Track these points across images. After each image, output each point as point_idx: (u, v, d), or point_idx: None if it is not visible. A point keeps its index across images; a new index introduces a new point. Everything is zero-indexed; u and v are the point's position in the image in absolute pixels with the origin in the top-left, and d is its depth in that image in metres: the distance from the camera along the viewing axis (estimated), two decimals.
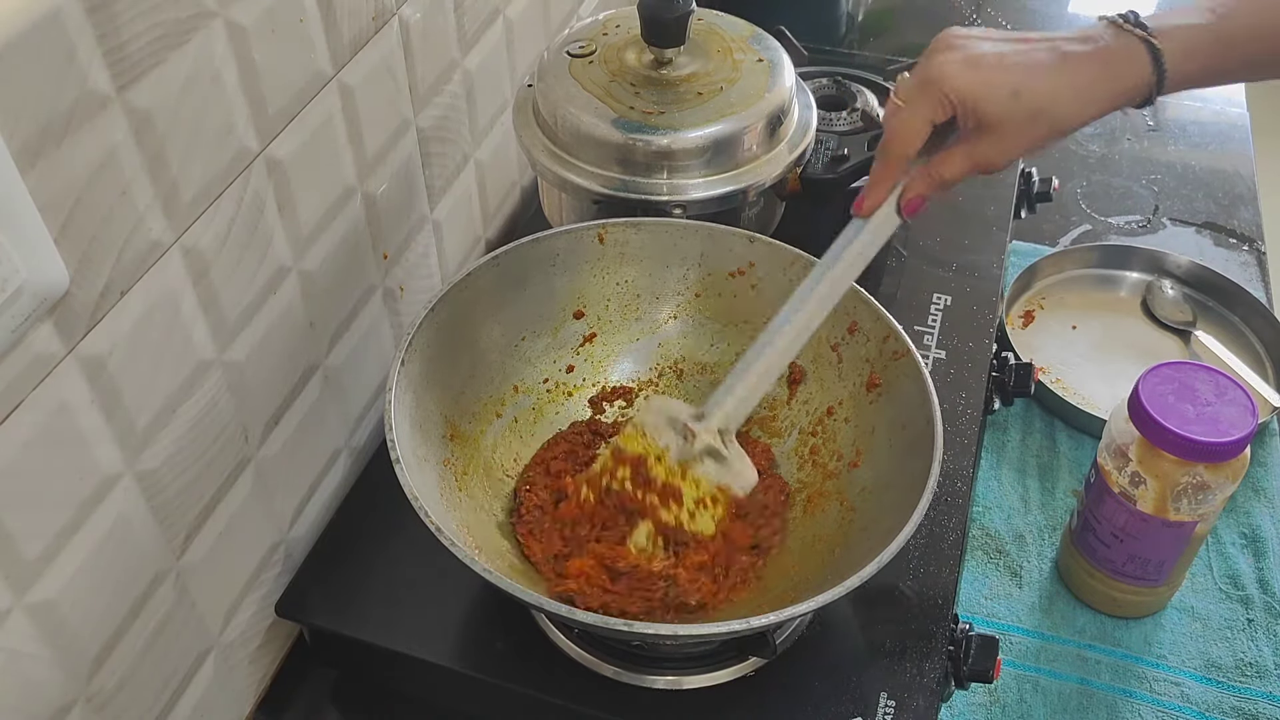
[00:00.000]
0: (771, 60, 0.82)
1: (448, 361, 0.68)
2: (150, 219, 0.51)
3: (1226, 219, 1.15)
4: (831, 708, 0.64)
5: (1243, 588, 0.81)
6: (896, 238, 0.97)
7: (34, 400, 0.46)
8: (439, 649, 0.67)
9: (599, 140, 0.77)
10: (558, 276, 0.75)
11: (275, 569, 0.70)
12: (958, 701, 0.74)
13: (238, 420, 0.62)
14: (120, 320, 0.51)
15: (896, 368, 0.68)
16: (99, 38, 0.45)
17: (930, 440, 0.61)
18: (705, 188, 0.77)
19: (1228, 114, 1.30)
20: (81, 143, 0.46)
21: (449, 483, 0.65)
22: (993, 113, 0.60)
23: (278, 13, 0.58)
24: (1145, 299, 1.03)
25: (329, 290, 0.70)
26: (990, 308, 0.91)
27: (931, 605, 0.69)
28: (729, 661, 0.65)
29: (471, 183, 0.90)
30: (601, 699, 0.64)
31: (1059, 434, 0.92)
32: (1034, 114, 0.60)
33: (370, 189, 0.73)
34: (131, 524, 0.55)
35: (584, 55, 0.81)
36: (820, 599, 0.54)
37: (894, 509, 0.60)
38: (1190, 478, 0.69)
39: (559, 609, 0.54)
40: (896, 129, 0.63)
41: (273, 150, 0.60)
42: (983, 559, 0.83)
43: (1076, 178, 1.19)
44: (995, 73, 0.60)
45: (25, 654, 0.49)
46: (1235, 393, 0.70)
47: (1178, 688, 0.75)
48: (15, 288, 0.43)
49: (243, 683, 0.70)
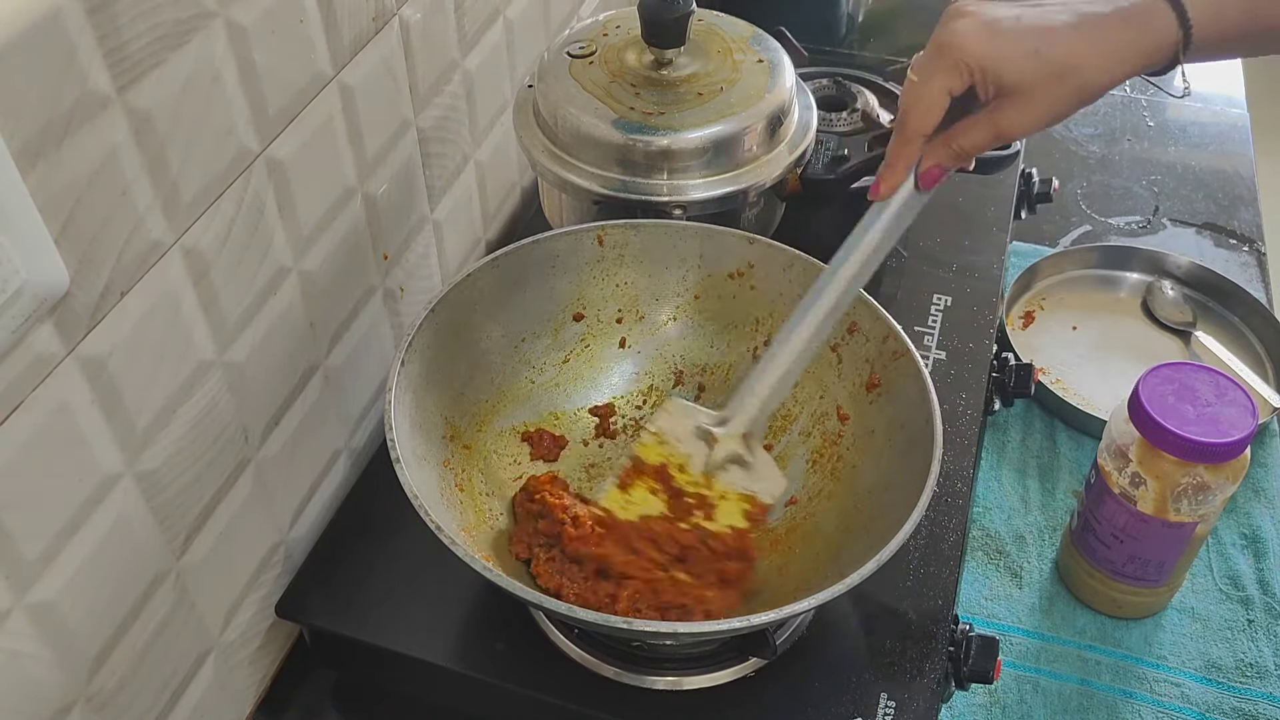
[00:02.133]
0: (771, 61, 0.82)
1: (447, 363, 0.68)
2: (150, 219, 0.51)
3: (1226, 219, 1.15)
4: (831, 708, 0.64)
5: (1243, 588, 0.81)
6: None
7: (34, 400, 0.47)
8: (439, 649, 0.67)
9: (599, 141, 0.77)
10: (557, 278, 0.75)
11: (275, 569, 0.70)
12: (958, 702, 0.74)
13: (238, 421, 0.62)
14: (120, 321, 0.51)
15: (896, 367, 0.68)
16: (99, 38, 0.46)
17: (930, 439, 0.61)
18: (705, 188, 0.77)
19: (1228, 114, 1.30)
20: (82, 143, 0.46)
21: (449, 483, 0.65)
22: (1013, 76, 0.57)
23: (278, 13, 0.58)
24: (1145, 299, 1.03)
25: (329, 291, 0.70)
26: (990, 308, 0.91)
27: (931, 605, 0.69)
28: (729, 662, 0.65)
29: (472, 183, 0.90)
30: (601, 699, 0.64)
31: (1059, 434, 0.92)
32: (1057, 74, 0.57)
33: (370, 189, 0.73)
34: (131, 524, 0.55)
35: (584, 56, 0.81)
36: (820, 597, 0.54)
37: (894, 508, 0.60)
38: (1190, 478, 0.69)
39: (560, 609, 0.54)
40: (912, 103, 0.60)
41: (273, 151, 0.60)
42: (983, 559, 0.83)
43: (1076, 178, 1.19)
44: (1013, 35, 0.57)
45: (25, 654, 0.49)
46: (1235, 393, 0.70)
47: (1178, 688, 0.75)
48: (15, 288, 0.43)
49: (243, 683, 0.70)
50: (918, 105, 0.59)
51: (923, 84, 0.59)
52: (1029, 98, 0.57)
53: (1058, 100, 0.57)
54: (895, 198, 0.62)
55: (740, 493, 0.64)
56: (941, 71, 0.58)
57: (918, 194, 0.62)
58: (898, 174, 0.61)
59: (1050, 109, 0.58)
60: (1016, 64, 0.57)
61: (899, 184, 0.62)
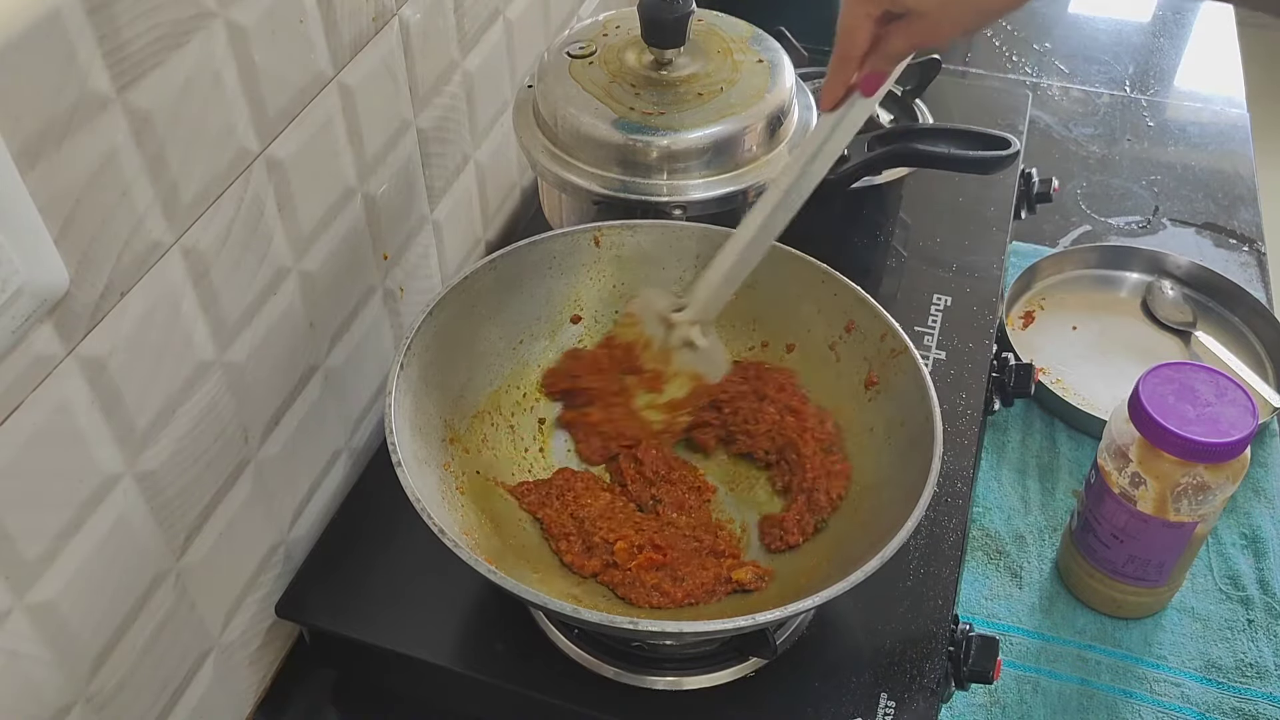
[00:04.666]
0: (771, 61, 0.82)
1: (446, 365, 0.68)
2: (150, 220, 0.51)
3: (1226, 219, 1.15)
4: (831, 708, 0.64)
5: (1243, 588, 0.81)
6: (897, 238, 0.97)
7: (34, 401, 0.47)
8: (439, 649, 0.67)
9: (599, 141, 0.77)
10: (554, 279, 0.75)
11: (275, 570, 0.70)
12: (958, 702, 0.74)
13: (238, 421, 0.62)
14: (120, 321, 0.51)
15: (895, 365, 0.68)
16: (99, 38, 0.46)
17: (930, 437, 0.61)
18: (705, 188, 0.77)
19: (1228, 114, 1.30)
20: (82, 143, 0.46)
21: (449, 484, 0.65)
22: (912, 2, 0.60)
23: (278, 13, 0.58)
24: (1145, 300, 1.03)
25: (329, 291, 0.70)
26: (990, 308, 0.91)
27: (931, 605, 0.69)
28: (729, 662, 0.65)
29: (471, 183, 0.90)
30: (601, 699, 0.64)
31: (1059, 435, 0.92)
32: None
33: (370, 189, 0.73)
34: (131, 525, 0.55)
35: (584, 56, 0.81)
36: (821, 596, 0.54)
37: (894, 506, 0.60)
38: (1190, 478, 0.69)
39: (561, 608, 0.54)
40: (841, 28, 0.64)
41: (273, 151, 0.60)
42: (983, 559, 0.83)
43: (1076, 178, 1.19)
44: None
45: (25, 654, 0.49)
46: (1235, 393, 0.70)
47: (1178, 688, 0.75)
48: (15, 288, 0.43)
49: (243, 683, 0.70)
50: (845, 31, 0.63)
51: (845, 13, 0.63)
52: (931, 19, 0.60)
53: (959, 19, 0.60)
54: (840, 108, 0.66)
55: (689, 371, 0.73)
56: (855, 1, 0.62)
57: (864, 100, 0.66)
58: (837, 89, 0.65)
59: (955, 26, 0.60)
60: None
61: (838, 97, 0.66)
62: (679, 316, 0.72)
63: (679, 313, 0.72)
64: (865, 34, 0.63)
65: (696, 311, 0.72)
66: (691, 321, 0.72)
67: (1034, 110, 1.26)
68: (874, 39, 0.63)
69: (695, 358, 0.72)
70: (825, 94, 0.66)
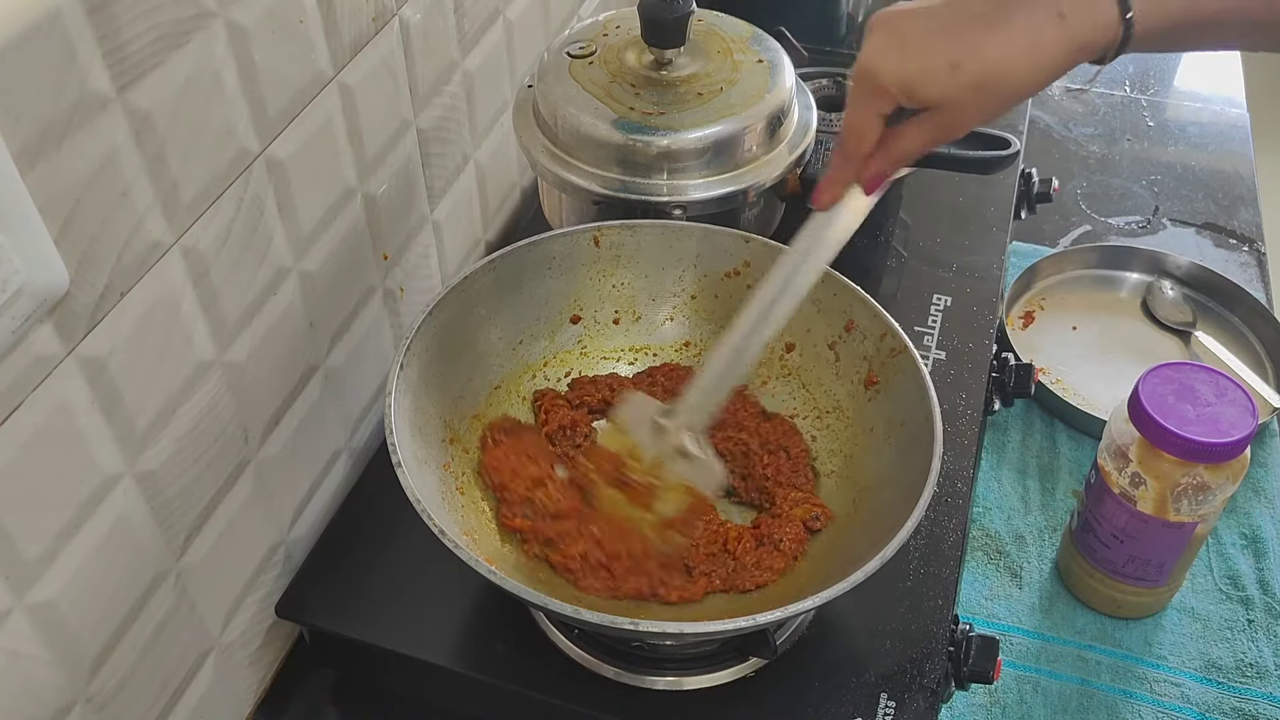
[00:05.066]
0: (771, 61, 0.82)
1: (446, 365, 0.68)
2: (150, 220, 0.51)
3: (1226, 219, 1.15)
4: (831, 708, 0.64)
5: (1243, 588, 0.81)
6: (897, 238, 0.97)
7: (34, 401, 0.46)
8: (439, 649, 0.67)
9: (599, 141, 0.77)
10: (554, 280, 0.75)
11: (275, 570, 0.70)
12: (958, 702, 0.74)
13: (238, 421, 0.62)
14: (120, 321, 0.51)
15: (894, 365, 0.68)
16: (99, 38, 0.46)
17: (930, 436, 0.61)
18: (705, 188, 0.77)
19: (1228, 114, 1.30)
20: (82, 143, 0.46)
21: (449, 485, 0.65)
22: (934, 94, 0.54)
23: (278, 13, 0.58)
24: (1145, 300, 1.03)
25: (329, 291, 0.70)
26: (990, 308, 0.91)
27: (931, 605, 0.69)
28: (729, 662, 0.65)
29: (471, 183, 0.90)
30: (601, 699, 0.64)
31: (1059, 435, 0.92)
32: (980, 86, 0.53)
33: (370, 189, 0.73)
34: (131, 525, 0.55)
35: (584, 56, 0.81)
36: (820, 597, 0.54)
37: (894, 506, 0.60)
38: (1190, 478, 0.69)
39: (561, 609, 0.54)
40: (848, 128, 0.58)
41: (273, 151, 0.60)
42: (983, 559, 0.83)
43: (1076, 178, 1.19)
44: (925, 49, 0.54)
45: (25, 654, 0.49)
46: (1235, 393, 0.70)
47: (1178, 688, 0.75)
48: (15, 288, 0.43)
49: (243, 683, 0.70)
50: (851, 130, 0.58)
51: (853, 110, 0.58)
52: (953, 111, 0.55)
53: (985, 109, 0.55)
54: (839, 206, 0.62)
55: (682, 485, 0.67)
56: (865, 97, 0.56)
57: (864, 199, 0.62)
58: (837, 189, 0.61)
59: (980, 116, 0.56)
60: (935, 82, 0.54)
61: (838, 197, 0.62)
62: (669, 422, 0.65)
63: (668, 418, 0.65)
64: (874, 133, 0.58)
65: (688, 417, 0.65)
66: (682, 427, 0.65)
67: (1034, 110, 1.26)
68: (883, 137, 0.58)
69: (689, 468, 0.66)
70: (824, 192, 0.62)
